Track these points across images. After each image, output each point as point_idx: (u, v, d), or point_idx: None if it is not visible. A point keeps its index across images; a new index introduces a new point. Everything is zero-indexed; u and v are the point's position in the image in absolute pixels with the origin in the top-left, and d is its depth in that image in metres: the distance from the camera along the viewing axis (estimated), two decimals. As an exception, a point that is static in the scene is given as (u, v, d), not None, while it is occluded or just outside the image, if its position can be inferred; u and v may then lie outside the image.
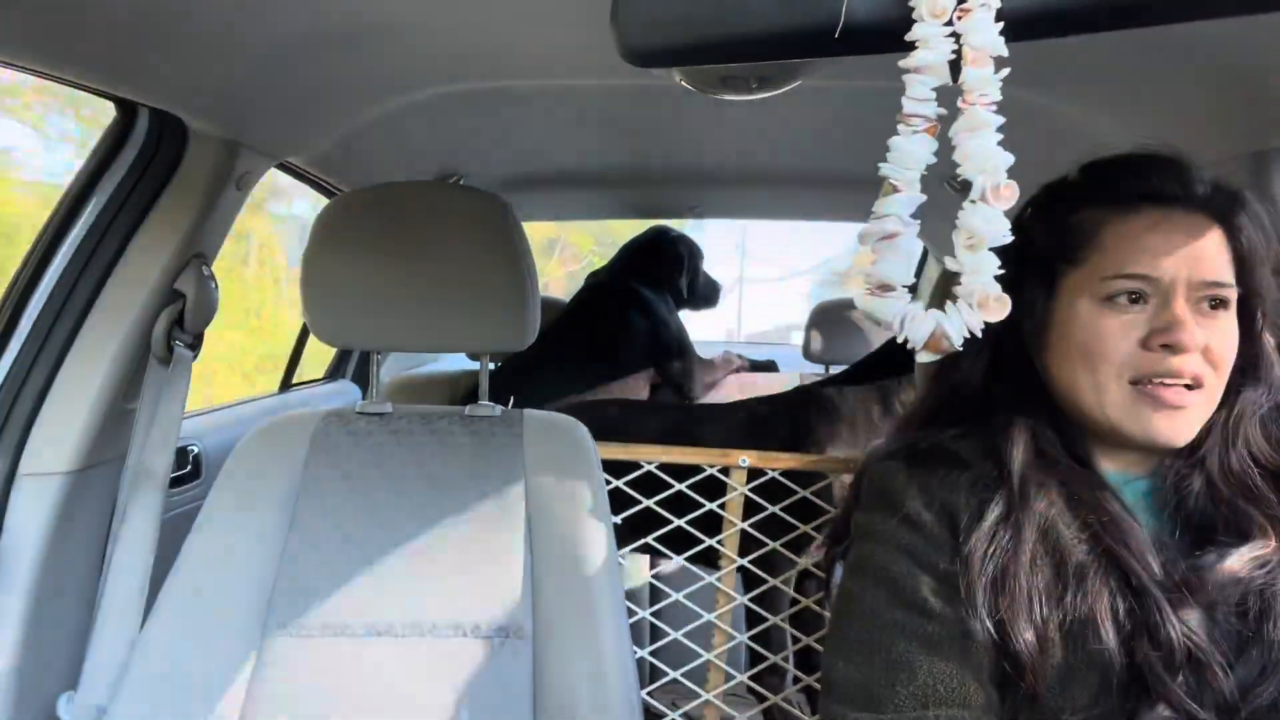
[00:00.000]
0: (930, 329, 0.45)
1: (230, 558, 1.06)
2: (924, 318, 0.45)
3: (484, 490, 1.10)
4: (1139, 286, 0.77)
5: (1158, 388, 0.76)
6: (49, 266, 1.14)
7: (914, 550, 0.79)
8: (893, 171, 0.45)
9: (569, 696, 1.00)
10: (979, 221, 0.44)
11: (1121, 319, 0.77)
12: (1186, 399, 0.76)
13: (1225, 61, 0.94)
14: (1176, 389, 0.76)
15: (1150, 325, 0.76)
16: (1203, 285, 0.77)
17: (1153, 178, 0.80)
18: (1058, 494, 0.78)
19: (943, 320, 0.45)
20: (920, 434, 0.89)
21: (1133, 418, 0.77)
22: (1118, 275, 0.77)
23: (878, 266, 0.46)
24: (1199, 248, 0.77)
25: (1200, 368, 0.76)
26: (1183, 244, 0.77)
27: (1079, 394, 0.80)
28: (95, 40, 0.86)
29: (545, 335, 2.32)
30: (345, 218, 1.15)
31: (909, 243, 0.45)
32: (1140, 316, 0.77)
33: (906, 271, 0.46)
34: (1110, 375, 0.77)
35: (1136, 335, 0.77)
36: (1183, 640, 0.70)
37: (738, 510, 1.35)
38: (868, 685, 0.75)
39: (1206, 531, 0.77)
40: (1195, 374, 0.76)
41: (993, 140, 0.44)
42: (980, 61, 0.44)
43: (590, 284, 2.55)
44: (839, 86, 1.24)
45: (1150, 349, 0.76)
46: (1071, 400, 0.81)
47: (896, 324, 0.46)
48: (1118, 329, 0.77)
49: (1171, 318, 0.75)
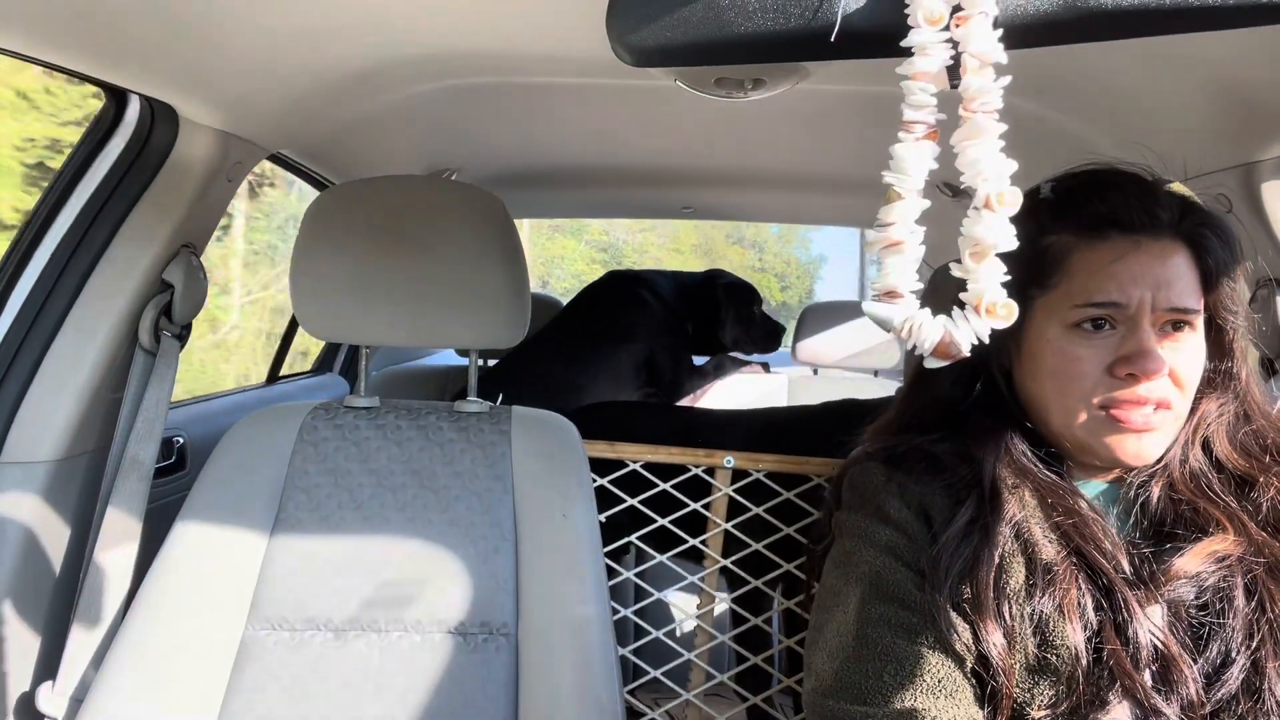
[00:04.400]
0: (938, 336, 0.45)
1: (214, 550, 1.05)
2: (932, 324, 0.45)
3: (470, 486, 1.10)
4: (1107, 314, 0.79)
5: (1126, 411, 0.77)
6: (36, 254, 1.13)
7: (895, 547, 0.81)
8: (895, 179, 0.45)
9: (551, 693, 1.00)
10: (983, 229, 0.44)
11: (1090, 345, 0.79)
12: (1153, 421, 0.78)
13: (1217, 73, 0.94)
14: (1144, 413, 0.77)
15: (1117, 352, 0.78)
16: (1169, 311, 0.78)
17: (1120, 204, 0.80)
18: (1029, 496, 0.81)
19: (950, 327, 0.45)
20: (899, 438, 0.91)
21: (1100, 440, 0.79)
22: (1086, 304, 0.79)
23: (884, 273, 0.46)
24: (1166, 274, 0.78)
25: (1167, 391, 0.78)
26: (1149, 271, 0.78)
27: (1049, 415, 0.82)
28: (87, 26, 0.86)
29: (544, 333, 2.34)
30: (336, 211, 1.14)
31: (914, 249, 0.45)
32: (1108, 341, 0.78)
33: (912, 278, 0.46)
34: (1079, 399, 0.79)
35: (1104, 361, 0.78)
36: (1149, 637, 0.72)
37: (722, 510, 1.35)
38: (854, 678, 0.76)
39: (1168, 530, 0.79)
40: (1162, 398, 0.78)
41: (995, 147, 0.44)
42: (980, 68, 0.44)
43: (602, 284, 2.56)
44: (835, 90, 1.25)
45: (1117, 376, 0.78)
46: (1042, 419, 0.84)
47: (904, 330, 0.45)
48: (1086, 355, 0.79)
49: (1138, 346, 0.77)
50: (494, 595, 1.05)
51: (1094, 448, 0.80)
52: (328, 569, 1.06)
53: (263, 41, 0.98)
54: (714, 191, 2.26)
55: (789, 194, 2.23)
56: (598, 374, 2.32)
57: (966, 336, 0.45)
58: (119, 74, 0.99)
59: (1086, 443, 0.80)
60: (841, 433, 1.00)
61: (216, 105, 1.11)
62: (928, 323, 0.45)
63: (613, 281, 2.54)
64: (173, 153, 1.15)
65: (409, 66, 1.16)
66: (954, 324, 0.45)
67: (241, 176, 1.28)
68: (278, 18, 0.93)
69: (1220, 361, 0.84)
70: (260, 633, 1.03)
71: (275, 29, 0.96)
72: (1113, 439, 0.78)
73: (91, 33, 0.87)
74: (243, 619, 1.03)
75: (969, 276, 0.45)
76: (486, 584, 1.05)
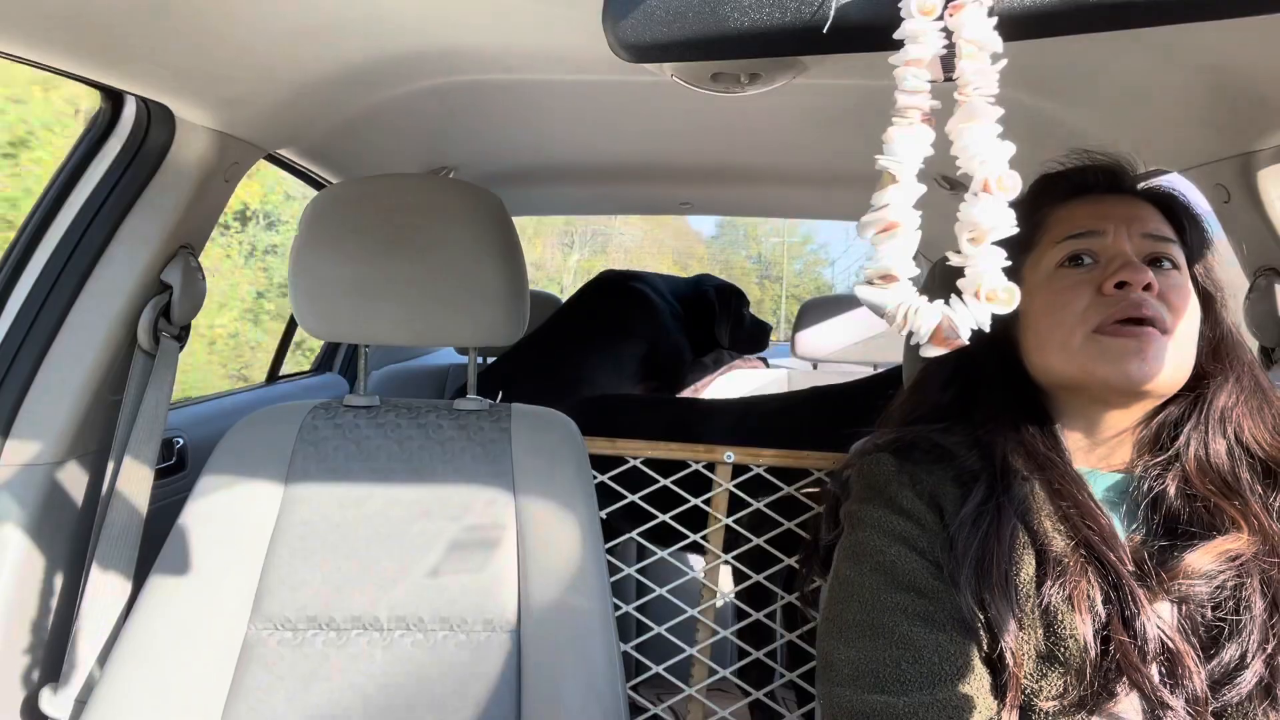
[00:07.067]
0: (936, 321, 0.43)
1: (215, 550, 1.05)
2: (929, 310, 0.43)
3: (471, 484, 1.10)
4: (1086, 244, 0.83)
5: (1122, 325, 0.79)
6: (34, 256, 1.13)
7: (907, 536, 0.82)
8: (889, 162, 0.45)
9: (554, 690, 1.00)
10: (981, 213, 0.43)
11: (1076, 276, 0.83)
12: (1151, 335, 0.79)
13: (1213, 63, 0.94)
14: (1140, 325, 0.79)
15: (1103, 273, 0.81)
16: (1145, 237, 0.83)
17: (1090, 174, 0.90)
18: (1039, 484, 0.81)
19: (949, 313, 0.43)
20: (906, 428, 0.92)
21: (1101, 363, 0.79)
22: (1066, 238, 0.84)
23: (878, 257, 0.45)
24: (1136, 212, 0.85)
25: (1158, 307, 0.79)
26: (1119, 209, 0.85)
27: (1049, 355, 0.83)
28: (83, 28, 0.86)
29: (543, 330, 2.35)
30: (334, 210, 1.14)
31: (910, 232, 0.44)
32: (1093, 272, 0.82)
33: (909, 262, 0.44)
34: (1073, 327, 0.81)
35: (1092, 286, 0.81)
36: (1157, 631, 0.72)
37: (723, 505, 1.35)
38: (873, 667, 0.76)
39: (1179, 526, 0.78)
40: (1154, 313, 0.78)
41: (992, 131, 0.43)
42: (975, 55, 0.43)
43: (599, 281, 2.57)
44: (831, 84, 1.25)
45: (1106, 293, 0.80)
46: (1043, 365, 0.85)
47: (900, 316, 0.44)
48: (1074, 285, 0.82)
49: (1121, 260, 0.80)
50: (496, 593, 1.05)
51: (1097, 373, 0.79)
52: (329, 568, 1.06)
53: (258, 41, 0.98)
54: (712, 186, 2.26)
55: (787, 188, 2.22)
56: (598, 369, 2.32)
57: (966, 322, 0.43)
58: (115, 75, 0.99)
59: (1089, 370, 0.80)
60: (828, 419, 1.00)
61: (213, 106, 1.11)
62: (924, 308, 0.43)
63: (610, 279, 2.55)
64: (169, 154, 1.14)
65: (405, 65, 1.15)
66: (952, 310, 0.44)
67: (239, 177, 1.28)
68: (272, 18, 0.93)
69: (1215, 328, 0.86)
70: (263, 632, 1.03)
71: (269, 29, 0.95)
72: (1113, 358, 0.79)
73: (87, 34, 0.87)
74: (245, 619, 1.03)
75: (967, 262, 0.44)
76: (488, 581, 1.06)
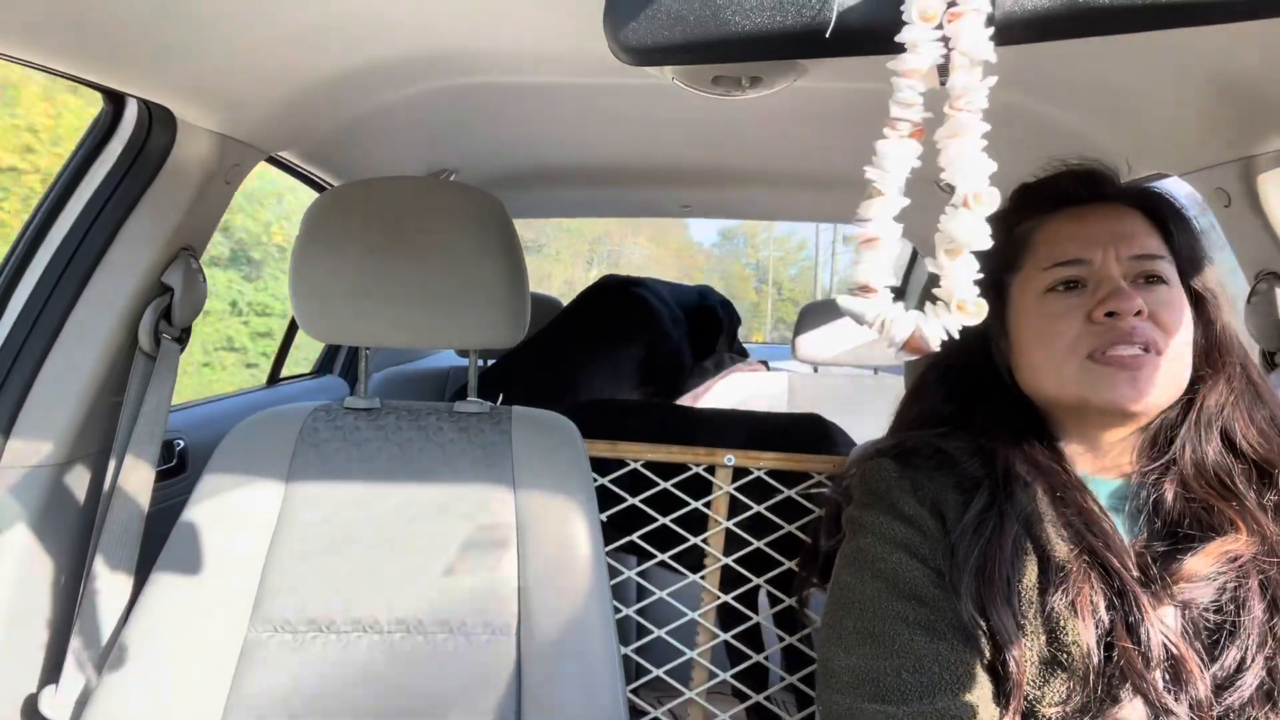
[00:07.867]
0: (909, 330, 0.46)
1: (215, 553, 1.05)
2: (904, 319, 0.46)
3: (472, 487, 1.10)
4: (1074, 272, 0.82)
5: (1113, 350, 0.79)
6: (35, 258, 1.13)
7: (909, 543, 0.81)
8: (876, 175, 0.46)
9: (554, 693, 1.00)
10: (958, 227, 0.45)
11: (1066, 303, 0.82)
12: (1142, 360, 0.79)
13: (1214, 67, 0.94)
14: (1131, 351, 0.78)
15: (1093, 300, 0.81)
16: (1133, 259, 0.82)
17: (1068, 183, 0.89)
18: (1041, 490, 0.81)
19: (921, 322, 0.46)
20: (908, 434, 0.92)
21: (1094, 388, 0.79)
22: (1053, 265, 0.83)
23: (859, 268, 0.46)
24: (1122, 228, 0.83)
25: (1151, 332, 0.79)
26: (1105, 227, 0.83)
27: (1042, 380, 0.84)
28: (84, 31, 0.86)
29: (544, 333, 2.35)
30: (335, 212, 1.14)
31: (890, 246, 0.46)
32: (1083, 297, 0.82)
33: (887, 274, 0.46)
34: (1065, 353, 0.81)
35: (1082, 313, 0.81)
36: (1160, 637, 0.71)
37: (723, 509, 1.35)
38: (873, 675, 0.76)
39: (1178, 529, 0.78)
40: (1146, 338, 0.78)
41: (976, 146, 0.44)
42: (968, 66, 0.44)
43: (600, 286, 2.59)
44: (832, 88, 1.25)
45: (1096, 321, 0.80)
46: (1037, 389, 0.85)
47: (877, 324, 0.46)
48: (1064, 312, 0.82)
49: (1110, 286, 0.80)
50: (496, 595, 1.05)
51: (1090, 398, 0.80)
52: (329, 570, 1.06)
53: (259, 44, 0.98)
54: (713, 189, 2.26)
55: (788, 191, 2.23)
56: (598, 372, 2.32)
57: (936, 332, 0.45)
58: (116, 78, 0.99)
59: (1082, 396, 0.80)
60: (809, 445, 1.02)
61: (214, 108, 1.11)
62: (899, 318, 0.46)
63: (610, 283, 2.57)
64: (171, 156, 1.14)
65: (406, 67, 1.16)
66: (925, 319, 0.46)
67: (240, 179, 1.28)
68: (274, 21, 0.93)
69: (1207, 330, 0.85)
70: (263, 634, 1.03)
71: (271, 32, 0.96)
72: (1106, 384, 0.79)
73: (89, 37, 0.87)
74: (245, 621, 1.03)
75: (942, 273, 0.46)
76: (488, 584, 1.05)
